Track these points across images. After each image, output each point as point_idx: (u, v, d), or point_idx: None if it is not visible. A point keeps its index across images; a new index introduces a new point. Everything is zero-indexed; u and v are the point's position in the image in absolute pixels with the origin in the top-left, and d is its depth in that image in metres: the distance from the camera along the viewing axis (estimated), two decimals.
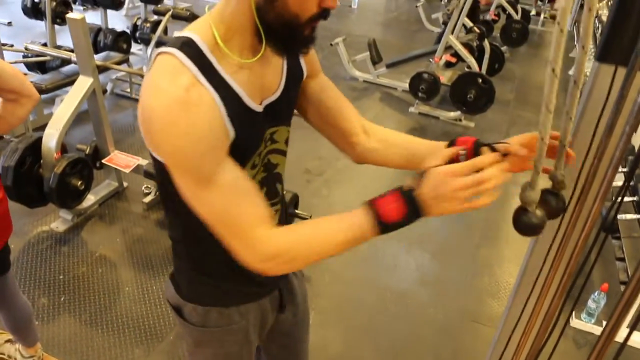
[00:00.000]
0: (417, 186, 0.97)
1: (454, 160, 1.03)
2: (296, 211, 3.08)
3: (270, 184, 1.19)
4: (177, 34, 0.98)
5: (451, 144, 1.11)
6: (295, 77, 1.15)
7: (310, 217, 2.92)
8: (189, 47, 0.93)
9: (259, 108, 1.03)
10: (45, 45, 4.60)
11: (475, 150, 1.05)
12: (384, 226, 0.97)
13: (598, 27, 4.47)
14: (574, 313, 2.89)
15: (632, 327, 0.68)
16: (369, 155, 1.29)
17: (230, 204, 0.95)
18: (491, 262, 3.35)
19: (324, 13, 0.96)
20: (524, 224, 1.01)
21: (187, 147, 0.89)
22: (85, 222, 3.26)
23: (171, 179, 0.95)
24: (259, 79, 1.03)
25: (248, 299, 1.25)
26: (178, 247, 1.20)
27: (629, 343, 2.27)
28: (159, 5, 5.18)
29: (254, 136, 1.05)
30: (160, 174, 1.01)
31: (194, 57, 0.92)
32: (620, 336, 0.75)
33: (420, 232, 3.56)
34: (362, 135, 1.28)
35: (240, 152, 1.00)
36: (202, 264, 1.18)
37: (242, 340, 1.28)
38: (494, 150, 1.03)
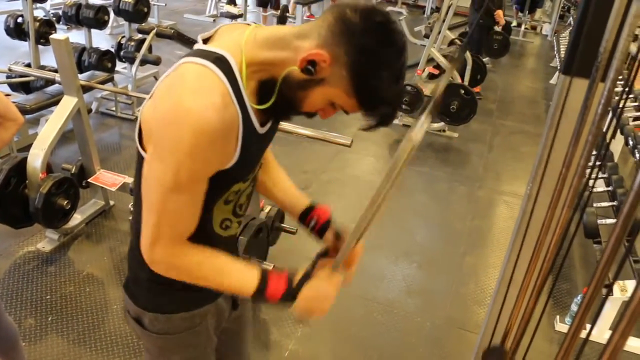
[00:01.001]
0: (304, 281, 1.14)
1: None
2: (282, 225, 3.11)
3: (250, 197, 1.26)
4: (204, 47, 1.02)
5: (311, 208, 1.38)
6: None
7: (297, 231, 2.95)
8: (222, 64, 0.98)
9: (262, 130, 1.09)
10: (29, 65, 4.61)
11: (324, 226, 1.36)
12: (262, 300, 1.12)
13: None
14: (558, 317, 2.93)
15: (593, 324, 0.72)
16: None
17: (181, 212, 1.02)
18: (477, 269, 3.39)
19: (314, 115, 1.12)
20: None
21: (195, 154, 0.95)
22: (72, 241, 3.27)
23: None
24: None
25: (206, 301, 1.28)
26: (139, 256, 1.17)
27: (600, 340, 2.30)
28: (143, 24, 5.22)
29: (256, 156, 1.14)
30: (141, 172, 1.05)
31: (226, 74, 0.97)
32: (603, 337, 0.78)
33: (406, 243, 3.59)
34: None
35: (240, 171, 1.09)
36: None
37: (205, 341, 1.31)
38: (338, 236, 1.32)
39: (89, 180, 3.31)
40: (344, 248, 1.14)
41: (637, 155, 3.30)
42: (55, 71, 3.30)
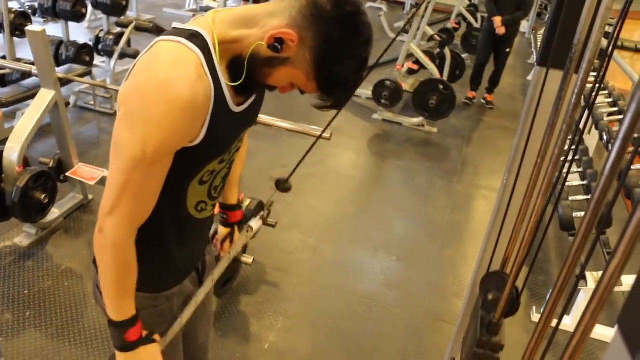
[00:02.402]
0: (144, 343, 1.19)
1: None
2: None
3: (225, 179, 1.28)
4: (179, 25, 1.05)
5: (230, 207, 1.61)
6: None
7: (276, 224, 2.95)
8: (197, 39, 1.00)
9: (238, 109, 1.11)
10: (4, 58, 4.54)
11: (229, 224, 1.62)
12: (115, 332, 1.17)
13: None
14: (534, 308, 2.98)
15: (563, 312, 0.74)
16: None
17: (143, 186, 1.02)
18: (455, 262, 3.43)
19: (274, 89, 1.13)
20: None
21: (165, 125, 0.96)
22: (50, 235, 3.23)
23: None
24: None
25: (172, 284, 1.30)
26: None
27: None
28: (122, 17, 5.16)
29: (228, 135, 1.14)
30: None
31: (201, 48, 0.99)
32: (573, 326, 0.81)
33: (385, 236, 3.62)
34: None
35: (212, 147, 1.09)
36: (138, 249, 1.15)
37: (171, 321, 1.33)
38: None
39: (67, 174, 3.27)
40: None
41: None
42: (32, 64, 3.25)
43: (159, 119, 0.95)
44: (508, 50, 6.02)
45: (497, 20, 5.77)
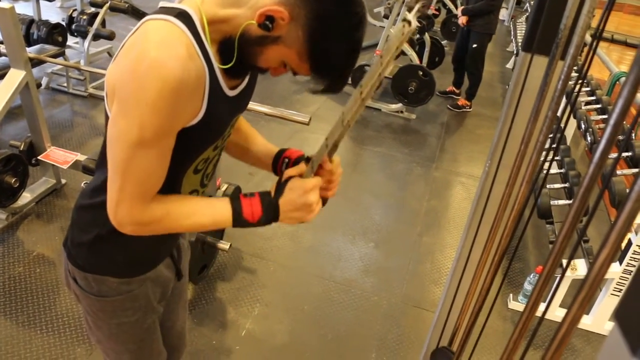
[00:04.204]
0: (279, 193, 1.09)
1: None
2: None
3: (215, 167, 1.26)
4: (166, 4, 1.00)
5: (281, 152, 1.34)
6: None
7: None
8: (185, 19, 0.96)
9: (231, 93, 1.08)
10: None
11: (298, 160, 1.28)
12: (243, 223, 1.09)
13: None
14: (511, 295, 3.00)
15: (548, 303, 0.72)
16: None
17: (147, 168, 0.98)
18: (433, 249, 3.43)
19: (266, 71, 1.09)
20: None
21: (160, 106, 0.91)
22: (21, 221, 3.15)
23: None
24: None
25: (144, 270, 1.27)
26: (96, 214, 1.14)
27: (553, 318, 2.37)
28: None
29: (223, 120, 1.11)
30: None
31: (190, 28, 0.95)
32: (554, 315, 0.79)
33: (363, 223, 3.61)
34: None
35: (208, 133, 1.07)
36: (112, 233, 1.11)
37: (145, 305, 1.30)
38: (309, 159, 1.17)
39: (38, 157, 3.19)
40: (317, 152, 1.09)
41: (589, 138, 3.39)
42: (1, 43, 3.15)
43: (154, 101, 0.90)
44: (475, 45, 5.54)
45: (459, 9, 5.63)
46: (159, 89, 0.89)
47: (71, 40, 5.30)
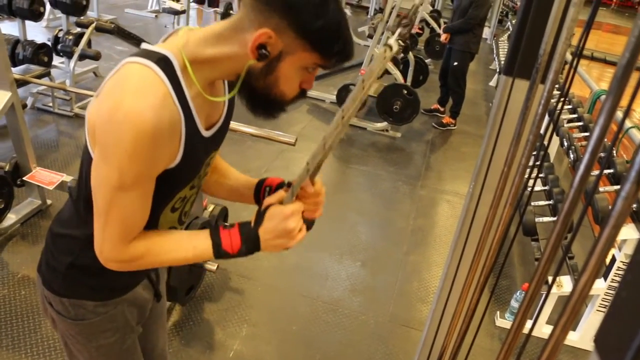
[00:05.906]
0: (258, 223, 1.09)
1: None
2: (226, 224, 3.07)
3: (193, 204, 1.28)
4: (148, 47, 1.02)
5: (261, 181, 1.32)
6: (231, 105, 1.23)
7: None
8: (165, 64, 0.97)
9: (207, 134, 1.10)
10: None
11: (279, 186, 1.28)
12: (224, 255, 1.10)
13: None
14: (498, 313, 3.02)
15: (535, 319, 0.74)
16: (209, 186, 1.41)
17: (128, 209, 1.01)
18: (420, 267, 3.45)
19: (303, 93, 1.08)
20: None
21: (137, 154, 0.94)
22: (5, 242, 3.12)
23: None
24: (208, 107, 1.09)
25: (120, 293, 1.27)
26: (71, 243, 1.19)
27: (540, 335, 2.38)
28: (82, 17, 5.03)
29: (199, 160, 1.13)
30: (90, 166, 1.03)
31: (168, 74, 0.97)
32: (540, 331, 0.81)
33: (349, 242, 3.62)
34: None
35: (185, 174, 1.09)
36: (90, 261, 1.14)
37: (123, 326, 1.30)
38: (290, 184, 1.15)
39: (24, 178, 3.17)
40: (298, 176, 1.08)
41: (572, 155, 3.44)
42: None
43: (131, 149, 0.93)
44: (455, 63, 5.70)
45: (442, 28, 5.81)
46: (134, 137, 0.92)
47: (57, 60, 5.30)
